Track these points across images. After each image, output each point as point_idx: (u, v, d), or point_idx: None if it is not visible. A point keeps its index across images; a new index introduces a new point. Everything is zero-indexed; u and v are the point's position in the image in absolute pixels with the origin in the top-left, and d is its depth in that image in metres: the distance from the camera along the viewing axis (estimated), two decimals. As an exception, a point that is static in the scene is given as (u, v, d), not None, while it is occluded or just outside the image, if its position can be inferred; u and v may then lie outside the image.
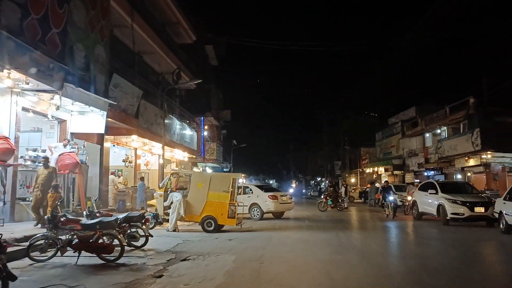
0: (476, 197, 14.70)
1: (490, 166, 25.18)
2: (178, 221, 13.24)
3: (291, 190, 43.20)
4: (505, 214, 11.83)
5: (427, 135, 33.57)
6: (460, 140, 25.84)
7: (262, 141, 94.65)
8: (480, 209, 14.02)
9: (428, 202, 15.89)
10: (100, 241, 7.84)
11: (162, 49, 23.01)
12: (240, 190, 18.40)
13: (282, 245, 10.13)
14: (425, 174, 33.07)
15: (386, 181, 18.41)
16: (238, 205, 13.92)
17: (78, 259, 7.68)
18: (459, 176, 26.44)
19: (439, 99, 31.56)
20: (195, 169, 32.12)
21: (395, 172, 38.52)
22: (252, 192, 17.96)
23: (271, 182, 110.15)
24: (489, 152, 23.88)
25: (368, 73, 41.53)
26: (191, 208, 13.09)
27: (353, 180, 49.38)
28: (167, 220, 13.28)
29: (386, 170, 40.55)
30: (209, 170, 35.29)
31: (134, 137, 19.15)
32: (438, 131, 31.34)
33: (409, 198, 22.82)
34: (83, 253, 7.77)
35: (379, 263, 8.10)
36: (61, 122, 14.16)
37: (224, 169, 48.82)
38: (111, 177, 20.00)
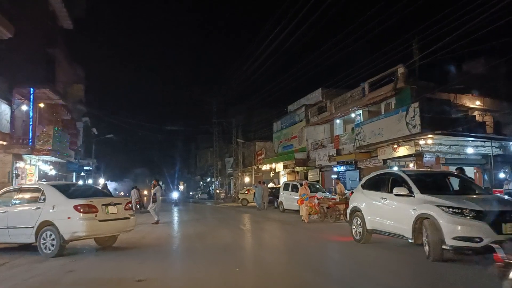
0: (495, 202, 7.22)
1: (424, 157, 18.98)
2: None
3: (175, 194, 33.57)
4: None
5: (338, 121, 27.03)
6: (388, 122, 19.22)
7: (147, 138, 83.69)
8: (512, 229, 6.55)
9: (391, 213, 8.22)
10: None
11: None
12: (17, 195, 9.27)
13: None
14: (335, 169, 26.48)
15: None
16: None
17: None
18: (395, 169, 19.75)
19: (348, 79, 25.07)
20: (19, 165, 21.52)
21: (297, 168, 31.63)
22: (44, 200, 8.68)
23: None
24: (430, 136, 17.53)
25: (261, 50, 34.65)
26: None
27: (247, 179, 41.83)
28: None
29: (285, 166, 33.54)
30: (46, 168, 24.69)
31: None
32: (353, 115, 24.82)
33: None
34: None
35: None
36: None
37: (85, 167, 37.97)
38: None
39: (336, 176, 22.75)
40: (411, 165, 17.99)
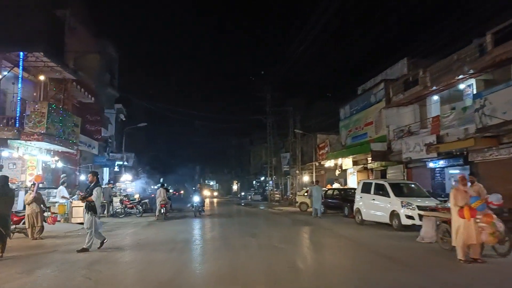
0: None
1: None
2: None
3: (195, 198, 22.75)
4: None
5: (435, 97, 19.36)
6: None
7: (202, 135, 78.35)
8: None
9: None
10: None
11: None
12: None
13: None
14: (430, 165, 18.93)
15: None
16: None
17: None
18: None
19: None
20: (4, 153, 16.19)
21: (370, 165, 24.27)
22: None
23: (211, 183, 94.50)
24: None
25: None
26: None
27: (306, 178, 34.80)
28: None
29: (355, 162, 26.19)
30: (47, 159, 19.22)
31: None
32: (462, 86, 17.13)
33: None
34: None
35: None
36: None
37: (118, 162, 32.63)
38: None
39: (457, 172, 15.36)
40: None
